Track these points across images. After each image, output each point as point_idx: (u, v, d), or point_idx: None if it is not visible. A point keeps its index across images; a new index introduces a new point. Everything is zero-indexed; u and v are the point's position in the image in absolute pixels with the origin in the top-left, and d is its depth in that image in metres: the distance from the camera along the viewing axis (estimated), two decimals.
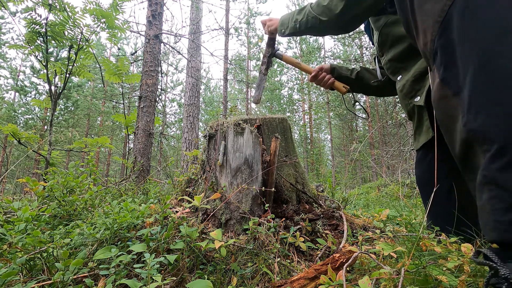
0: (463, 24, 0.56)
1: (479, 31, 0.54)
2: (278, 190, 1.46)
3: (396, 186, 6.07)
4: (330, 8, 1.21)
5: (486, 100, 0.52)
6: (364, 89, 1.61)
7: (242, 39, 17.85)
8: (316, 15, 1.27)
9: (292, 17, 1.38)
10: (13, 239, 0.98)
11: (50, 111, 4.38)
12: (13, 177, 16.81)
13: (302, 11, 1.34)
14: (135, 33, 12.66)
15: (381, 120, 16.91)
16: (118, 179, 3.04)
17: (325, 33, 1.36)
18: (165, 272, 0.97)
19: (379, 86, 1.54)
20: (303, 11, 1.34)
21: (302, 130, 21.24)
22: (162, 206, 1.22)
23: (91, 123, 19.76)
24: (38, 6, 2.50)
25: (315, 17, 1.27)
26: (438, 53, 0.62)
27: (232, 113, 7.07)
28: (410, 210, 2.29)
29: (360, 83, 1.59)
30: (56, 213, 1.46)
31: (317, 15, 1.26)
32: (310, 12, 1.29)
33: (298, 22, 1.34)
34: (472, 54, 0.54)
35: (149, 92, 3.39)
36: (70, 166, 1.86)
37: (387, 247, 1.01)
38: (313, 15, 1.28)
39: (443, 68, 0.61)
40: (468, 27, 0.55)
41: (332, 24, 1.25)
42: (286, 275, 0.98)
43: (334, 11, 1.20)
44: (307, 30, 1.34)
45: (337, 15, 1.20)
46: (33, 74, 15.49)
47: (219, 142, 1.38)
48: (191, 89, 6.85)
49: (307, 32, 1.37)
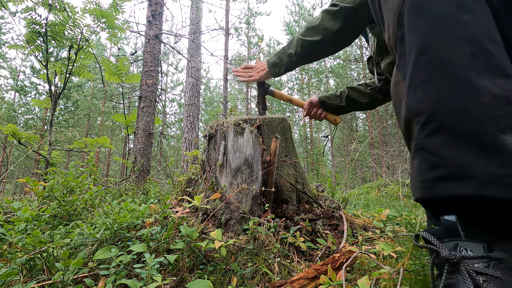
0: (411, 17, 0.65)
1: (421, 23, 0.63)
2: (278, 190, 1.46)
3: (396, 186, 6.07)
4: (326, 27, 1.22)
5: (421, 80, 0.61)
6: (356, 107, 1.65)
7: (242, 39, 17.86)
8: (311, 40, 1.26)
9: (284, 54, 1.38)
10: (13, 239, 0.98)
11: (50, 111, 4.38)
12: (13, 177, 16.81)
13: (291, 44, 1.34)
14: (135, 33, 12.67)
15: (381, 120, 16.91)
16: (118, 179, 3.04)
17: (323, 55, 1.36)
18: (165, 272, 0.97)
19: (369, 100, 1.58)
20: (293, 43, 1.33)
21: (302, 130, 21.23)
22: (162, 206, 1.22)
23: (91, 123, 19.76)
24: (38, 6, 2.50)
25: (311, 42, 1.27)
26: (397, 45, 0.70)
27: (232, 113, 7.07)
28: (410, 210, 2.28)
29: (351, 104, 1.61)
30: (56, 213, 1.46)
31: (312, 39, 1.26)
32: (303, 40, 1.29)
33: (293, 55, 1.34)
34: (414, 43, 0.64)
35: (149, 92, 3.39)
36: (70, 166, 1.86)
37: (387, 247, 1.01)
38: (308, 41, 1.27)
39: (398, 56, 0.70)
40: (415, 20, 0.64)
41: (329, 43, 1.26)
42: (286, 275, 0.98)
43: (330, 30, 1.22)
44: (305, 58, 1.35)
45: (334, 34, 1.21)
46: (33, 74, 15.49)
47: (219, 142, 1.38)
48: (191, 89, 6.84)
49: (305, 60, 1.37)
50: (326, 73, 19.45)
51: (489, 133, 0.51)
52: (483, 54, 0.56)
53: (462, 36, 0.58)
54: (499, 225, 0.53)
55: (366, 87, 1.58)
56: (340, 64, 18.58)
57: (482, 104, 0.53)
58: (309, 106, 1.65)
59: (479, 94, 0.53)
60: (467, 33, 0.57)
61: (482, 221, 0.55)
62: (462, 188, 0.51)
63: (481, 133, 0.51)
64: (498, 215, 0.52)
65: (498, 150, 0.49)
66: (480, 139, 0.51)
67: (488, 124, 0.51)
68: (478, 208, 0.53)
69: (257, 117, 1.52)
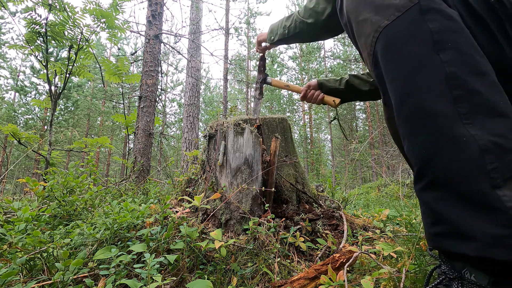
0: (384, 60, 0.61)
1: (395, 68, 0.59)
2: (278, 190, 1.46)
3: (396, 186, 6.07)
4: (317, 11, 1.20)
5: (406, 133, 0.58)
6: (357, 95, 1.61)
7: (242, 39, 17.85)
8: (303, 19, 1.26)
9: (281, 24, 1.38)
10: (13, 239, 0.98)
11: (50, 111, 4.38)
12: (13, 177, 16.81)
13: (290, 17, 1.35)
14: (135, 33, 12.66)
15: (381, 120, 16.91)
16: (118, 179, 3.04)
17: (312, 38, 1.34)
18: (165, 272, 0.97)
19: (372, 89, 1.54)
20: (291, 17, 1.33)
21: (302, 130, 21.23)
22: (162, 206, 1.22)
23: (91, 123, 19.76)
24: (38, 6, 2.50)
25: (302, 21, 1.26)
26: (377, 82, 0.68)
27: (232, 113, 7.07)
28: (410, 210, 2.28)
29: (351, 90, 1.58)
30: (56, 213, 1.46)
31: (304, 19, 1.25)
32: (298, 17, 1.28)
33: (287, 28, 1.34)
34: (392, 90, 0.60)
35: (149, 92, 3.39)
36: (70, 166, 1.86)
37: (387, 247, 1.01)
38: (300, 20, 1.27)
39: (382, 94, 0.67)
40: (388, 63, 0.61)
41: (319, 27, 1.24)
42: (286, 275, 0.98)
43: (321, 14, 1.19)
44: (295, 35, 1.34)
45: (324, 20, 1.19)
46: (33, 74, 15.49)
47: (219, 142, 1.38)
48: (191, 89, 6.84)
49: (295, 38, 1.36)
50: (326, 73, 19.45)
51: (484, 191, 0.48)
52: (468, 95, 0.51)
53: (441, 80, 0.53)
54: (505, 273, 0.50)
55: (369, 76, 1.56)
56: (340, 64, 18.58)
57: (472, 159, 0.49)
58: (306, 88, 1.63)
59: (467, 147, 0.50)
60: (446, 75, 0.53)
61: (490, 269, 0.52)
62: (465, 248, 0.49)
63: (476, 192, 0.49)
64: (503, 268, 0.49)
65: (495, 208, 0.47)
66: (476, 198, 0.49)
67: (481, 182, 0.48)
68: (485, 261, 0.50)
69: (257, 117, 1.52)
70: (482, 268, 0.51)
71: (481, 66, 0.54)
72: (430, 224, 0.55)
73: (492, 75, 0.54)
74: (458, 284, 0.53)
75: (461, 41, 0.55)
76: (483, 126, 0.50)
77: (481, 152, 0.49)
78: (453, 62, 0.53)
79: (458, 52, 0.54)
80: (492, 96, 0.52)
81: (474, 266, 0.52)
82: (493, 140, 0.49)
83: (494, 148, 0.49)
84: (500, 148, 0.49)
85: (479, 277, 0.51)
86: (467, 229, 0.49)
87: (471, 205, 0.49)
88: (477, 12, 0.60)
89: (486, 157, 0.49)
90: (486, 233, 0.47)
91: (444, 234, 0.53)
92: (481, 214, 0.48)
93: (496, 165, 0.48)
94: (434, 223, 0.55)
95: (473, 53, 0.54)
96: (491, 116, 0.51)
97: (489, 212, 0.47)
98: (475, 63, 0.54)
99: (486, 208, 0.48)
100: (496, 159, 0.48)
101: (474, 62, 0.54)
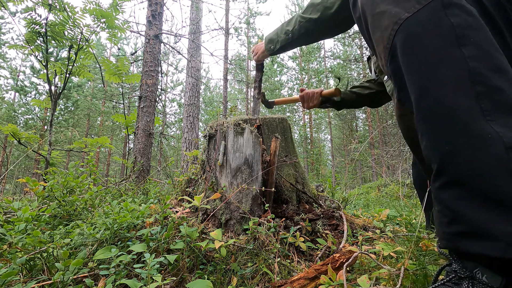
0: (404, 53, 0.60)
1: (415, 62, 0.58)
2: (278, 190, 1.46)
3: (396, 186, 6.07)
4: (326, 5, 1.16)
5: (425, 129, 0.57)
6: (358, 100, 1.61)
7: (242, 39, 17.85)
8: (309, 17, 1.22)
9: (282, 30, 1.33)
10: (13, 239, 0.98)
11: (50, 111, 4.38)
12: (13, 177, 16.80)
13: (291, 21, 1.30)
14: (135, 33, 12.67)
15: (381, 120, 16.91)
16: (118, 179, 3.04)
17: (320, 35, 1.29)
18: (165, 272, 0.97)
19: (372, 92, 1.55)
20: (293, 20, 1.29)
21: (302, 130, 21.23)
22: (162, 206, 1.22)
23: (91, 123, 19.76)
24: (38, 6, 2.50)
25: (309, 20, 1.22)
26: (392, 77, 0.66)
27: (232, 113, 7.07)
28: (410, 210, 2.29)
29: (352, 92, 1.59)
30: (56, 213, 1.46)
31: (311, 16, 1.21)
32: (302, 17, 1.24)
33: (290, 32, 1.29)
34: (412, 85, 0.59)
35: (149, 92, 3.39)
36: (70, 166, 1.86)
37: (387, 247, 1.01)
38: (306, 19, 1.22)
39: (397, 89, 0.65)
40: (408, 56, 0.59)
41: (327, 23, 1.19)
42: (286, 275, 0.98)
43: (330, 8, 1.15)
44: (300, 37, 1.29)
45: (333, 13, 1.14)
46: (33, 74, 15.49)
47: (219, 142, 1.38)
48: (191, 89, 6.84)
49: (300, 40, 1.31)
50: (326, 73, 19.45)
51: (508, 190, 0.46)
52: (491, 92, 0.50)
53: (463, 75, 0.52)
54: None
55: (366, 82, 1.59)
56: (340, 64, 18.58)
57: (496, 157, 0.48)
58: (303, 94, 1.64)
59: (491, 144, 0.48)
60: (469, 70, 0.52)
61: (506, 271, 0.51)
62: (486, 248, 0.48)
63: (498, 190, 0.47)
64: None
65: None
66: (498, 196, 0.47)
67: (505, 180, 0.47)
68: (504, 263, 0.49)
69: (257, 117, 1.52)
70: (496, 269, 0.50)
71: (501, 63, 0.53)
72: (447, 224, 0.54)
73: (510, 68, 0.53)
74: (469, 284, 0.52)
75: (482, 37, 0.54)
76: (507, 123, 0.49)
77: (507, 150, 0.48)
78: (476, 57, 0.52)
79: (479, 48, 0.53)
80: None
81: (488, 266, 0.51)
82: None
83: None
84: None
85: (491, 278, 0.50)
86: (489, 228, 0.47)
87: (494, 204, 0.48)
88: (488, 9, 0.59)
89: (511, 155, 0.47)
90: (509, 233, 0.46)
91: (463, 234, 0.51)
92: (505, 214, 0.47)
93: None
94: (451, 222, 0.53)
95: (493, 50, 0.53)
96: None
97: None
98: (496, 60, 0.53)
99: (510, 207, 0.46)
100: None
101: (494, 59, 0.53)
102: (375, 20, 0.66)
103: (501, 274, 0.49)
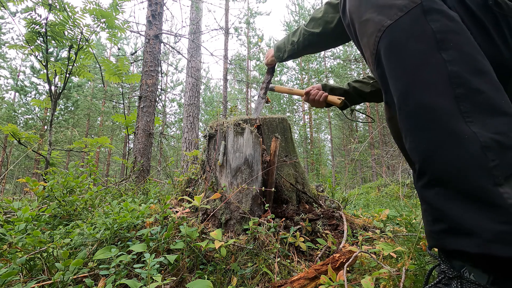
0: (387, 58, 0.62)
1: (398, 66, 0.60)
2: (278, 190, 1.46)
3: (396, 186, 6.07)
4: (327, 20, 1.21)
5: (408, 129, 0.59)
6: (361, 96, 1.61)
7: (242, 39, 17.84)
8: (312, 31, 1.27)
9: (288, 41, 1.39)
10: (13, 239, 0.98)
11: (50, 111, 4.38)
12: (13, 177, 16.80)
13: (296, 32, 1.35)
14: (135, 33, 12.66)
15: (381, 120, 16.90)
16: (118, 179, 3.04)
17: (323, 47, 1.35)
18: (165, 272, 0.97)
19: (374, 90, 1.54)
20: (298, 31, 1.34)
21: (302, 130, 21.22)
22: (162, 206, 1.22)
23: (91, 123, 19.75)
24: (38, 6, 2.50)
25: (312, 33, 1.27)
26: (379, 81, 0.69)
27: (232, 113, 7.07)
28: (410, 210, 2.28)
29: (355, 91, 1.59)
30: (56, 213, 1.46)
31: (313, 30, 1.26)
32: (305, 30, 1.29)
33: (295, 43, 1.35)
34: (395, 87, 0.61)
35: (149, 92, 3.39)
36: (70, 166, 1.86)
37: (387, 247, 1.01)
38: (309, 32, 1.27)
39: (384, 93, 0.68)
40: (391, 61, 0.62)
41: (329, 37, 1.25)
42: (286, 275, 0.98)
43: (330, 22, 1.20)
44: (305, 48, 1.35)
45: (334, 27, 1.20)
46: (33, 74, 15.48)
47: (219, 142, 1.38)
48: (191, 89, 6.84)
49: (306, 51, 1.37)
50: (326, 73, 19.45)
51: (486, 188, 0.48)
52: (470, 94, 0.52)
53: (443, 79, 0.54)
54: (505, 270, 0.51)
55: (369, 79, 1.58)
56: (340, 64, 18.58)
57: (473, 156, 0.50)
58: (310, 89, 1.64)
59: (469, 144, 0.50)
60: (449, 74, 0.54)
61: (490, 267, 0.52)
62: (466, 244, 0.50)
63: (478, 188, 0.49)
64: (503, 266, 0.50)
65: (497, 205, 0.47)
66: (477, 194, 0.49)
67: (483, 179, 0.49)
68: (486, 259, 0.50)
69: (257, 117, 1.52)
70: (481, 266, 0.51)
71: (482, 65, 0.54)
72: (431, 222, 0.56)
73: (493, 74, 0.54)
74: (458, 283, 0.53)
75: (463, 41, 0.55)
76: (485, 124, 0.51)
77: (483, 149, 0.49)
78: (455, 61, 0.54)
79: (460, 52, 0.55)
80: (493, 94, 0.52)
81: (473, 265, 0.52)
82: (494, 137, 0.50)
83: (495, 146, 0.49)
84: (501, 145, 0.49)
85: (478, 276, 0.51)
86: (468, 225, 0.49)
87: (473, 202, 0.49)
88: (475, 13, 0.61)
89: (488, 154, 0.49)
90: (487, 229, 0.47)
91: (445, 231, 0.53)
92: (483, 211, 0.48)
93: (497, 163, 0.49)
94: (435, 221, 0.55)
95: (474, 53, 0.55)
96: (492, 114, 0.51)
97: (490, 209, 0.48)
98: (477, 62, 0.54)
99: (488, 205, 0.48)
100: (497, 156, 0.49)
101: (475, 61, 0.54)
102: (361, 27, 0.69)
103: (487, 272, 0.51)
